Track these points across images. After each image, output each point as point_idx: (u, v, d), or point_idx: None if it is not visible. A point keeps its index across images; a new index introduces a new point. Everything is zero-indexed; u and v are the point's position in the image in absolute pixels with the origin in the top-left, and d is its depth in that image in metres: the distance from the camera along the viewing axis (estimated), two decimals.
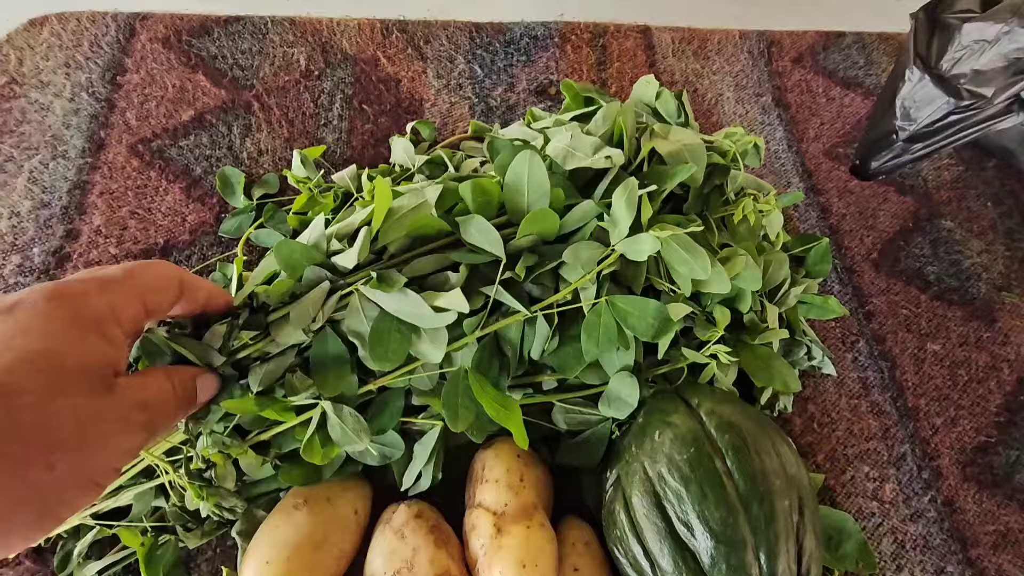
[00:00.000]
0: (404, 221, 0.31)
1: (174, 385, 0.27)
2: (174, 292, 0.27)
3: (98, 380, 0.22)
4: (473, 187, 0.32)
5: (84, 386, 0.21)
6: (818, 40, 0.73)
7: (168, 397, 0.26)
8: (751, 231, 0.44)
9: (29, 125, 0.56)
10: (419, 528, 0.37)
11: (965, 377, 0.52)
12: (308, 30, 0.65)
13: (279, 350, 0.32)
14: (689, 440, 0.34)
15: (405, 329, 0.31)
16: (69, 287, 0.22)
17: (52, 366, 0.20)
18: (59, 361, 0.20)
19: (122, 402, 0.22)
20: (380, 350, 0.31)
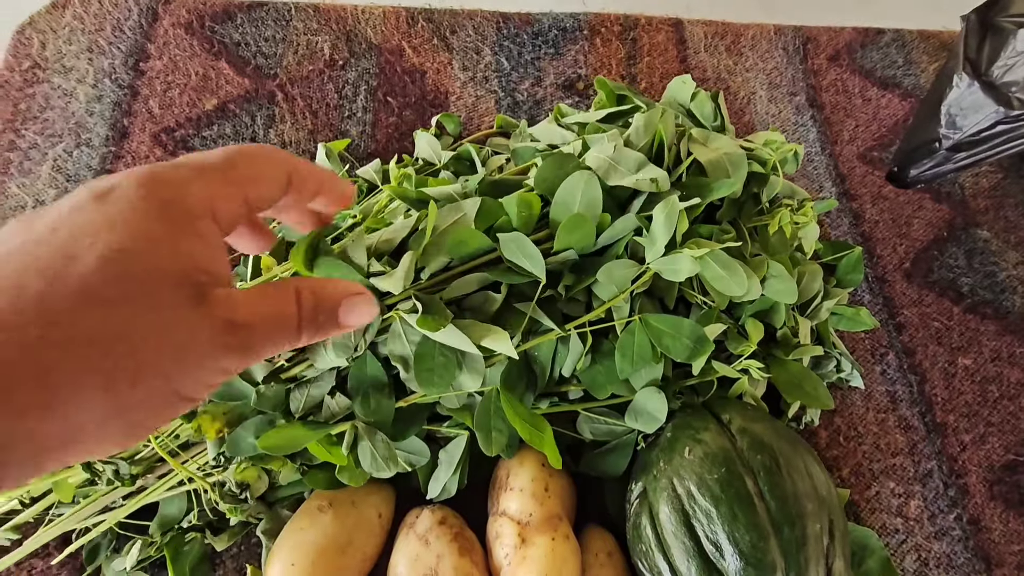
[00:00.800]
0: (444, 239, 0.31)
1: (302, 305, 0.22)
2: (281, 180, 0.23)
3: (190, 287, 0.19)
4: (519, 201, 0.31)
5: (172, 295, 0.18)
6: (856, 37, 0.70)
7: (284, 320, 0.22)
8: (785, 242, 0.43)
9: (53, 111, 0.55)
10: (443, 535, 0.37)
11: (996, 393, 0.51)
12: (332, 17, 0.64)
13: (316, 374, 0.32)
14: (720, 459, 0.34)
15: (449, 352, 0.31)
16: (164, 172, 0.20)
17: (139, 269, 0.18)
18: (145, 265, 0.18)
19: (214, 318, 0.19)
20: (427, 375, 0.30)
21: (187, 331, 0.19)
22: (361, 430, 0.33)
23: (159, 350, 0.18)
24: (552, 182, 0.34)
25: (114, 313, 0.17)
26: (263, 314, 0.21)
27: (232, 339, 0.20)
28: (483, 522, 0.40)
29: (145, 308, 0.18)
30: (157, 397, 0.19)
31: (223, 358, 0.20)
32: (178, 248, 0.19)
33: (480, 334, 0.31)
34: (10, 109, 0.55)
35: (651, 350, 0.34)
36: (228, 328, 0.20)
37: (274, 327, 0.21)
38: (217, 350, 0.20)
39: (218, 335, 0.19)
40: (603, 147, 0.35)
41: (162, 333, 0.18)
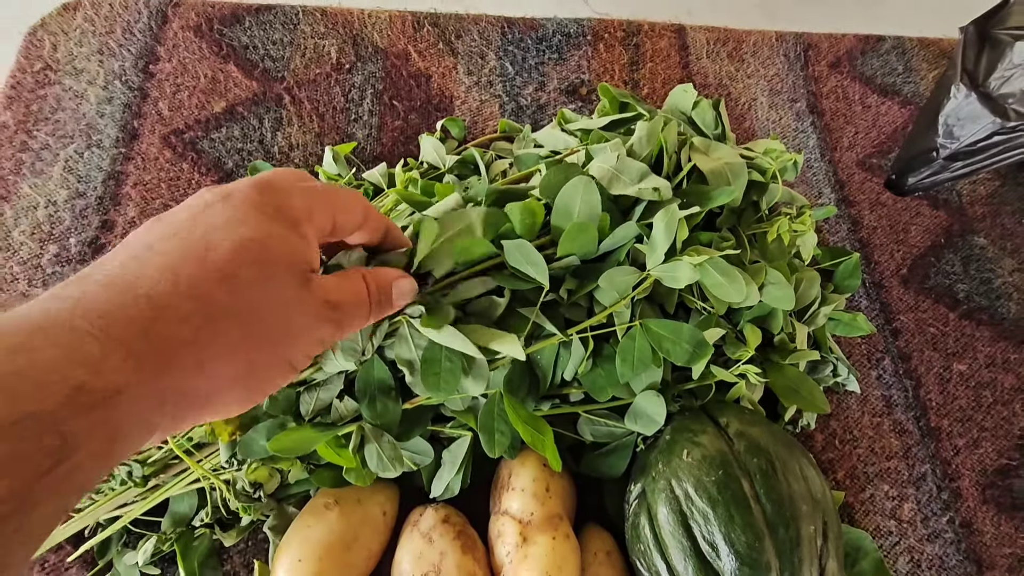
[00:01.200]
0: (450, 246, 0.31)
1: (370, 288, 0.27)
2: (360, 215, 0.28)
3: (299, 274, 0.23)
4: (523, 209, 0.32)
5: (287, 278, 0.23)
6: (856, 44, 0.71)
7: (362, 300, 0.27)
8: (783, 249, 0.44)
9: (64, 113, 0.56)
10: (446, 533, 0.38)
11: (990, 399, 0.52)
12: (339, 21, 0.65)
13: (325, 378, 0.33)
14: (717, 462, 0.34)
15: (455, 357, 0.32)
16: (276, 181, 0.24)
17: (264, 257, 0.22)
18: (269, 253, 0.22)
19: (316, 298, 0.24)
20: (432, 380, 0.31)
21: (297, 306, 0.23)
22: (368, 432, 0.34)
23: (278, 321, 0.22)
24: (555, 190, 0.35)
25: (246, 291, 0.21)
26: (347, 294, 0.26)
27: (330, 314, 0.25)
28: (484, 521, 0.41)
29: (269, 287, 0.22)
30: (274, 362, 0.23)
31: (322, 329, 0.24)
32: (290, 243, 0.23)
33: (487, 338, 0.31)
34: (22, 110, 0.56)
35: (651, 354, 0.35)
36: (326, 305, 0.24)
37: (355, 305, 0.27)
38: (319, 323, 0.24)
39: (320, 310, 0.24)
40: (606, 156, 0.36)
41: (281, 307, 0.22)
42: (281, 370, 0.24)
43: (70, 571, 0.40)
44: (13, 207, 0.51)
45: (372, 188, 0.53)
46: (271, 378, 0.23)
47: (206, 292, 0.20)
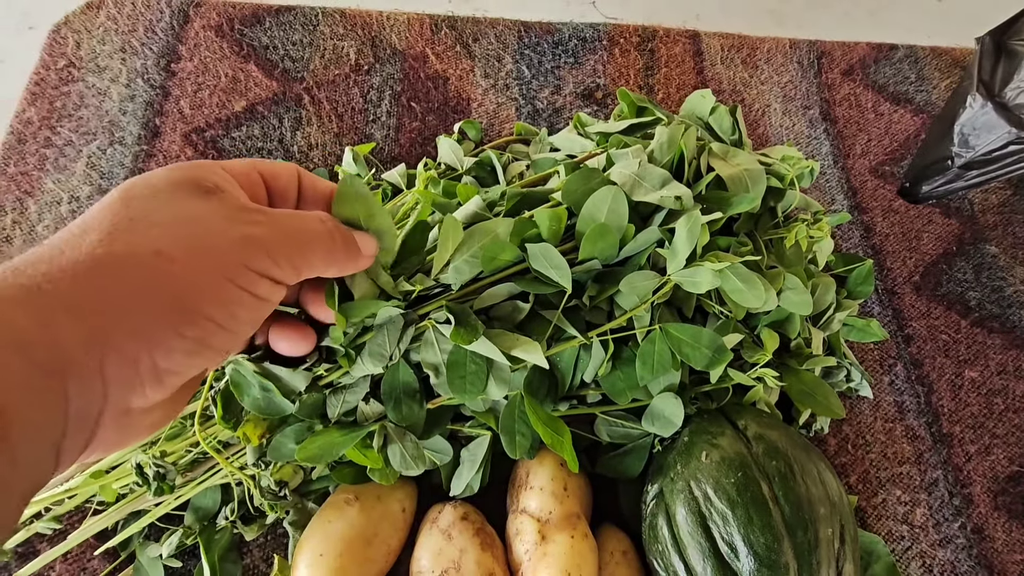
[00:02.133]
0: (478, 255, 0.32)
1: (326, 224, 0.25)
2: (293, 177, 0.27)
3: (193, 189, 0.22)
4: (551, 216, 0.33)
5: (182, 196, 0.21)
6: (869, 53, 0.72)
7: (311, 226, 0.24)
8: (800, 255, 0.45)
9: (87, 110, 0.57)
10: (466, 530, 0.38)
11: (1001, 406, 0.53)
12: (358, 23, 0.65)
13: (352, 381, 0.33)
14: (736, 464, 0.35)
15: (480, 360, 0.32)
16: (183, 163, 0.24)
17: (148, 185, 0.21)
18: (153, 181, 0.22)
19: (222, 206, 0.22)
20: (459, 383, 0.32)
21: (202, 215, 0.21)
22: (391, 432, 0.34)
23: (188, 239, 0.20)
24: (578, 195, 0.35)
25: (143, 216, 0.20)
26: (286, 214, 0.24)
27: (252, 215, 0.22)
28: (500, 519, 0.41)
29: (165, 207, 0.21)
30: (205, 287, 0.20)
31: (248, 230, 0.22)
32: (184, 172, 0.22)
33: (510, 343, 0.32)
34: (46, 107, 0.56)
35: (671, 358, 0.35)
36: (243, 210, 0.22)
37: (303, 228, 0.24)
38: (239, 225, 0.22)
39: (235, 218, 0.22)
40: (628, 163, 0.36)
41: (184, 223, 0.21)
42: (221, 293, 0.21)
43: (92, 562, 0.40)
44: (37, 202, 0.52)
45: (391, 188, 0.54)
46: (214, 306, 0.21)
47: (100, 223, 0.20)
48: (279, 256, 0.22)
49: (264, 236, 0.22)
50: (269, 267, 0.22)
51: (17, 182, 0.53)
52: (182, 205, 0.21)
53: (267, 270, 0.22)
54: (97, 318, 0.18)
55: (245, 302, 0.22)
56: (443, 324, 0.33)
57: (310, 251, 0.24)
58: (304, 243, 0.24)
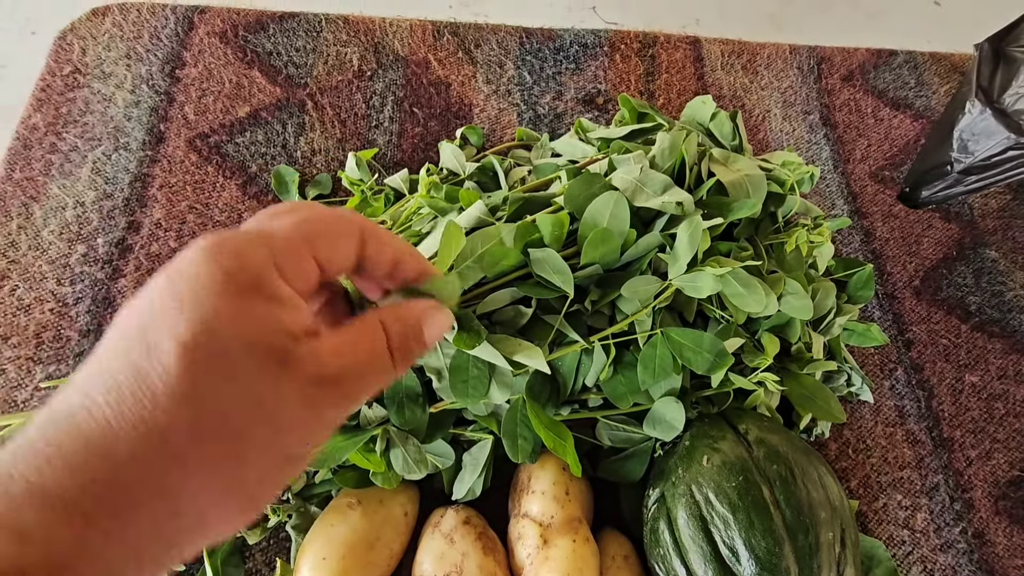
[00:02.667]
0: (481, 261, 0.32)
1: (390, 334, 0.22)
2: (353, 241, 0.22)
3: (267, 357, 0.18)
4: (553, 222, 0.33)
5: (251, 368, 0.18)
6: (869, 58, 0.72)
7: (376, 356, 0.21)
8: (801, 260, 0.45)
9: (92, 115, 0.57)
10: (468, 534, 0.39)
11: (1002, 410, 0.53)
12: (361, 29, 0.66)
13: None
14: (738, 468, 0.35)
15: (482, 364, 0.32)
16: (227, 240, 0.19)
17: (215, 351, 0.17)
18: (222, 344, 0.18)
19: (301, 380, 0.19)
20: (462, 387, 0.32)
21: (275, 398, 0.18)
22: (394, 435, 0.34)
23: (254, 423, 0.18)
24: (580, 201, 0.36)
25: (204, 401, 0.17)
26: (355, 360, 0.21)
27: (326, 393, 0.20)
28: (502, 523, 0.41)
29: (231, 389, 0.18)
30: (266, 466, 0.19)
31: (322, 412, 0.20)
32: (250, 317, 0.18)
33: (512, 348, 0.32)
34: (52, 113, 0.57)
35: (672, 362, 0.36)
36: (319, 383, 0.19)
37: (368, 369, 0.21)
38: (313, 407, 0.19)
39: (310, 393, 0.19)
40: (630, 168, 0.36)
41: (253, 407, 0.18)
42: (279, 469, 0.19)
43: None
44: (42, 207, 0.53)
45: (393, 193, 0.54)
46: (269, 483, 0.19)
47: (156, 416, 0.16)
48: (350, 411, 0.21)
49: (338, 417, 0.21)
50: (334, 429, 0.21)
51: (23, 187, 0.53)
52: (254, 384, 0.18)
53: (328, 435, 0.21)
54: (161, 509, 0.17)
55: (296, 469, 0.21)
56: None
57: (369, 392, 0.22)
58: (368, 391, 0.22)
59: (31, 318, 0.48)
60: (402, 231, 0.46)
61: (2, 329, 0.48)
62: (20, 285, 0.49)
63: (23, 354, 0.47)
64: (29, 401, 0.45)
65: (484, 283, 0.34)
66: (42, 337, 0.48)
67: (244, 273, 0.19)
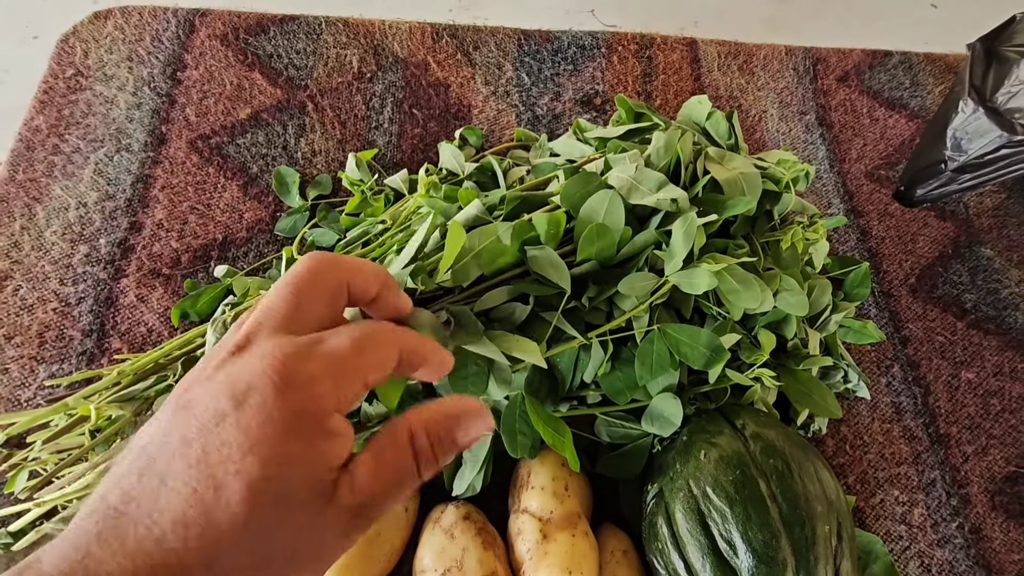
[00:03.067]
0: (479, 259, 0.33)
1: (418, 450, 0.22)
2: (393, 362, 0.23)
3: (319, 497, 0.19)
4: (549, 220, 0.33)
5: (307, 506, 0.19)
6: (864, 59, 0.73)
7: (404, 476, 0.22)
8: (797, 257, 0.45)
9: (94, 117, 0.58)
10: (468, 529, 0.39)
11: (998, 407, 0.53)
12: (361, 32, 0.66)
13: None
14: (735, 462, 0.35)
15: (481, 361, 0.33)
16: (296, 372, 0.19)
17: (281, 492, 0.18)
18: (287, 484, 0.18)
19: (342, 513, 0.20)
20: (460, 384, 0.32)
21: (320, 534, 0.19)
22: None
23: (300, 561, 0.19)
24: (576, 199, 0.36)
25: (261, 541, 0.18)
26: (384, 483, 0.21)
27: (359, 521, 0.20)
28: (502, 519, 0.42)
29: (287, 530, 0.19)
30: None
31: (353, 536, 0.21)
32: (312, 459, 0.19)
33: (509, 344, 0.33)
34: (54, 115, 0.57)
35: (669, 358, 0.36)
36: (356, 513, 0.20)
37: (396, 488, 0.21)
38: (349, 536, 0.20)
39: (347, 522, 0.20)
40: (625, 166, 0.37)
41: (302, 545, 0.19)
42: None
43: None
44: (45, 208, 0.53)
45: (393, 193, 0.55)
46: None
47: (218, 551, 0.17)
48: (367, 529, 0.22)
49: (365, 530, 0.21)
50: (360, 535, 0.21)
51: (26, 188, 0.54)
52: (305, 524, 0.19)
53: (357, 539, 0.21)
54: None
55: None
56: (444, 324, 0.33)
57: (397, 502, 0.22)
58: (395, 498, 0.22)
59: (34, 318, 0.49)
60: (402, 229, 0.47)
61: (5, 329, 0.48)
62: (23, 285, 0.50)
63: (26, 353, 0.47)
64: (33, 400, 0.46)
65: (482, 280, 0.35)
66: (45, 337, 0.48)
67: (311, 413, 0.19)
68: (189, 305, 0.47)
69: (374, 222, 0.51)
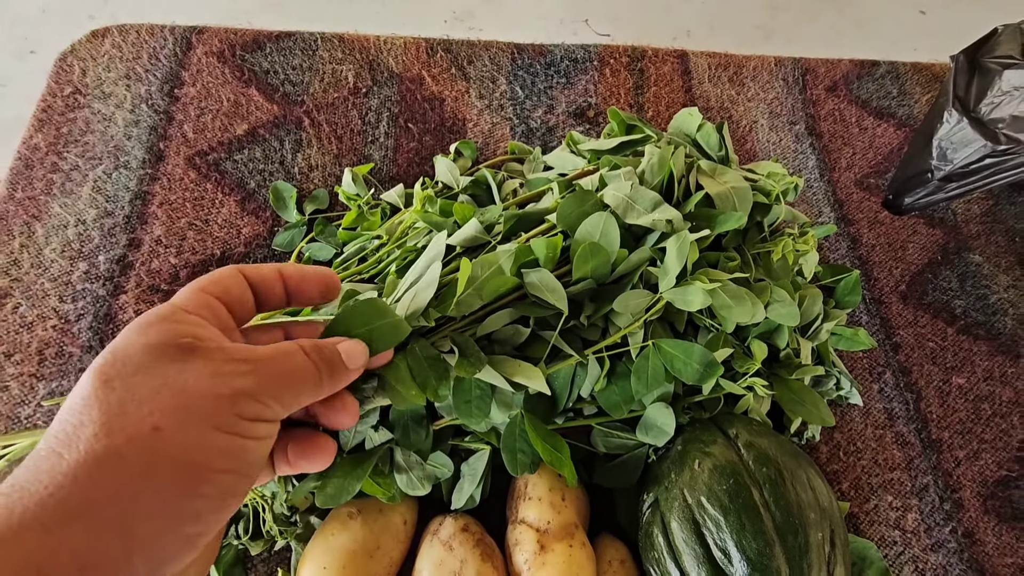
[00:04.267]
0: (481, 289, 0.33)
1: (307, 348, 0.25)
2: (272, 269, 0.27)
3: (172, 350, 0.22)
4: (547, 245, 0.34)
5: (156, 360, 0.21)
6: (852, 69, 0.74)
7: (294, 363, 0.24)
8: (787, 268, 0.46)
9: (93, 135, 0.59)
10: (466, 541, 0.39)
11: (989, 411, 0.54)
12: (356, 47, 0.67)
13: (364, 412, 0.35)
14: (728, 471, 0.36)
15: (484, 385, 0.33)
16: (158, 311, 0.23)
17: (119, 359, 0.21)
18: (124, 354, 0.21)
19: (208, 360, 0.22)
20: (464, 407, 0.33)
21: (181, 377, 0.21)
22: (399, 457, 0.36)
23: (181, 408, 0.20)
24: (573, 219, 0.37)
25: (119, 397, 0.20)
26: (268, 354, 0.23)
27: (237, 366, 0.22)
28: (499, 530, 0.42)
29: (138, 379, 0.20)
30: (206, 441, 0.21)
31: (234, 383, 0.22)
32: (153, 331, 0.22)
33: (512, 370, 0.33)
34: (53, 132, 0.58)
35: (664, 373, 0.37)
36: (227, 362, 0.22)
37: (287, 367, 0.24)
38: (221, 378, 0.21)
39: (218, 368, 0.21)
40: (620, 185, 0.38)
41: (173, 392, 0.20)
42: (223, 446, 0.21)
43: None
44: (44, 226, 0.53)
45: (389, 207, 0.55)
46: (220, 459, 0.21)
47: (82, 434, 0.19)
48: (268, 399, 0.23)
49: (251, 386, 0.22)
50: (260, 411, 0.23)
51: (24, 206, 0.54)
52: (165, 372, 0.21)
53: (259, 414, 0.23)
54: (113, 512, 0.18)
55: (247, 447, 0.22)
56: (447, 354, 0.34)
57: (298, 389, 0.24)
58: (291, 383, 0.24)
59: (34, 335, 0.49)
60: (398, 244, 0.47)
61: (5, 347, 0.48)
62: (23, 303, 0.50)
63: (26, 371, 0.48)
64: (32, 417, 0.46)
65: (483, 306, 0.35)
66: (44, 354, 0.48)
67: (153, 313, 0.23)
68: None
69: (371, 236, 0.52)
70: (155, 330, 0.22)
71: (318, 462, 0.27)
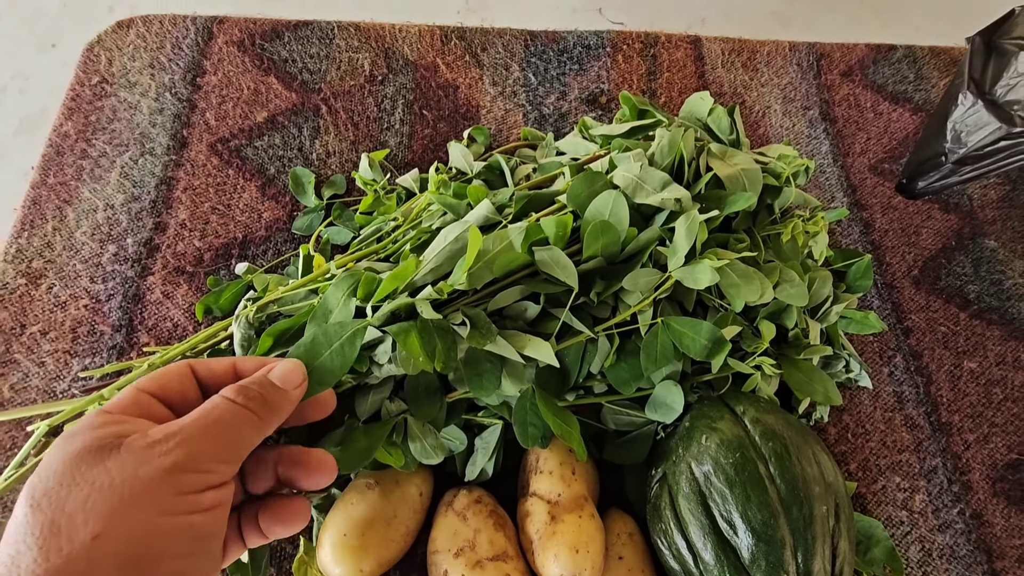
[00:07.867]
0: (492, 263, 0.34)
1: (233, 394, 0.24)
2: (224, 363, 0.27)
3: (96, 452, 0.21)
4: (557, 223, 0.35)
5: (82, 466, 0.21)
6: (868, 53, 0.73)
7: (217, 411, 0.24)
8: (797, 250, 0.46)
9: (119, 123, 0.60)
10: (479, 512, 0.41)
11: (1000, 396, 0.54)
12: (372, 36, 0.68)
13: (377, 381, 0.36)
14: (735, 445, 0.37)
15: (495, 357, 0.35)
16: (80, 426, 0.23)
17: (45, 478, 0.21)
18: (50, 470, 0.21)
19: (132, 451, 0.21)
20: (476, 380, 0.34)
21: (114, 476, 0.20)
22: (412, 425, 0.37)
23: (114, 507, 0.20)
24: (583, 199, 0.38)
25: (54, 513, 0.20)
26: (192, 419, 0.23)
27: (162, 453, 0.21)
28: (511, 503, 0.44)
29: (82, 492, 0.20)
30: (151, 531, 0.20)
31: (172, 477, 0.21)
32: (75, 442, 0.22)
33: (522, 343, 0.34)
34: (82, 120, 0.60)
35: (673, 350, 0.37)
36: (150, 447, 0.21)
37: (214, 423, 0.23)
38: (154, 466, 0.21)
39: (145, 459, 0.21)
40: (630, 166, 0.38)
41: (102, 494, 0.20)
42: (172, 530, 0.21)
43: None
44: (75, 210, 0.56)
45: (405, 192, 0.56)
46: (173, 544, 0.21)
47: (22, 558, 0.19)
48: (207, 463, 0.22)
49: (181, 458, 0.22)
50: (203, 479, 0.22)
51: (56, 191, 0.56)
52: (92, 478, 0.20)
53: (203, 482, 0.22)
54: None
55: (196, 523, 0.21)
56: (459, 326, 0.35)
57: (234, 439, 0.24)
58: (225, 437, 0.23)
59: (67, 314, 0.51)
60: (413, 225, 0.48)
61: (41, 325, 0.51)
62: (56, 283, 0.52)
63: (60, 348, 0.50)
64: (67, 391, 0.48)
65: (494, 280, 0.36)
66: (77, 332, 0.51)
67: (79, 423, 0.22)
68: (212, 301, 0.50)
69: (387, 219, 0.53)
70: (77, 440, 0.22)
71: (294, 525, 0.27)
